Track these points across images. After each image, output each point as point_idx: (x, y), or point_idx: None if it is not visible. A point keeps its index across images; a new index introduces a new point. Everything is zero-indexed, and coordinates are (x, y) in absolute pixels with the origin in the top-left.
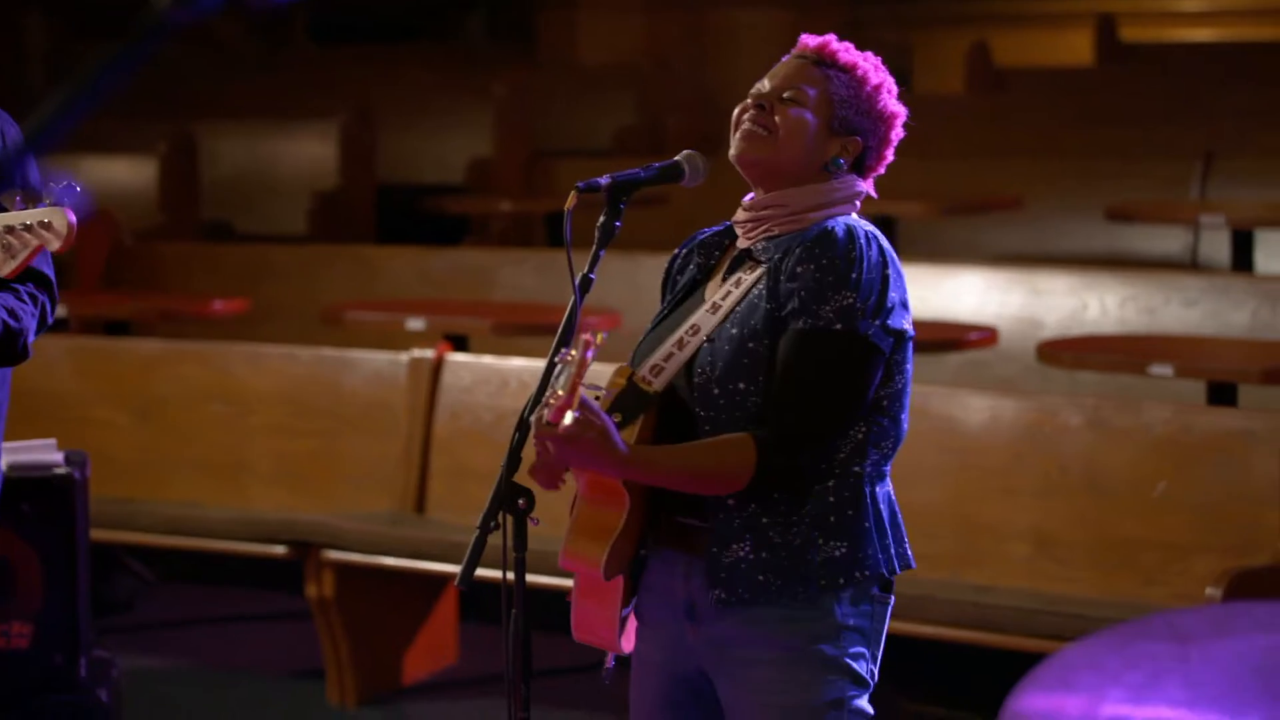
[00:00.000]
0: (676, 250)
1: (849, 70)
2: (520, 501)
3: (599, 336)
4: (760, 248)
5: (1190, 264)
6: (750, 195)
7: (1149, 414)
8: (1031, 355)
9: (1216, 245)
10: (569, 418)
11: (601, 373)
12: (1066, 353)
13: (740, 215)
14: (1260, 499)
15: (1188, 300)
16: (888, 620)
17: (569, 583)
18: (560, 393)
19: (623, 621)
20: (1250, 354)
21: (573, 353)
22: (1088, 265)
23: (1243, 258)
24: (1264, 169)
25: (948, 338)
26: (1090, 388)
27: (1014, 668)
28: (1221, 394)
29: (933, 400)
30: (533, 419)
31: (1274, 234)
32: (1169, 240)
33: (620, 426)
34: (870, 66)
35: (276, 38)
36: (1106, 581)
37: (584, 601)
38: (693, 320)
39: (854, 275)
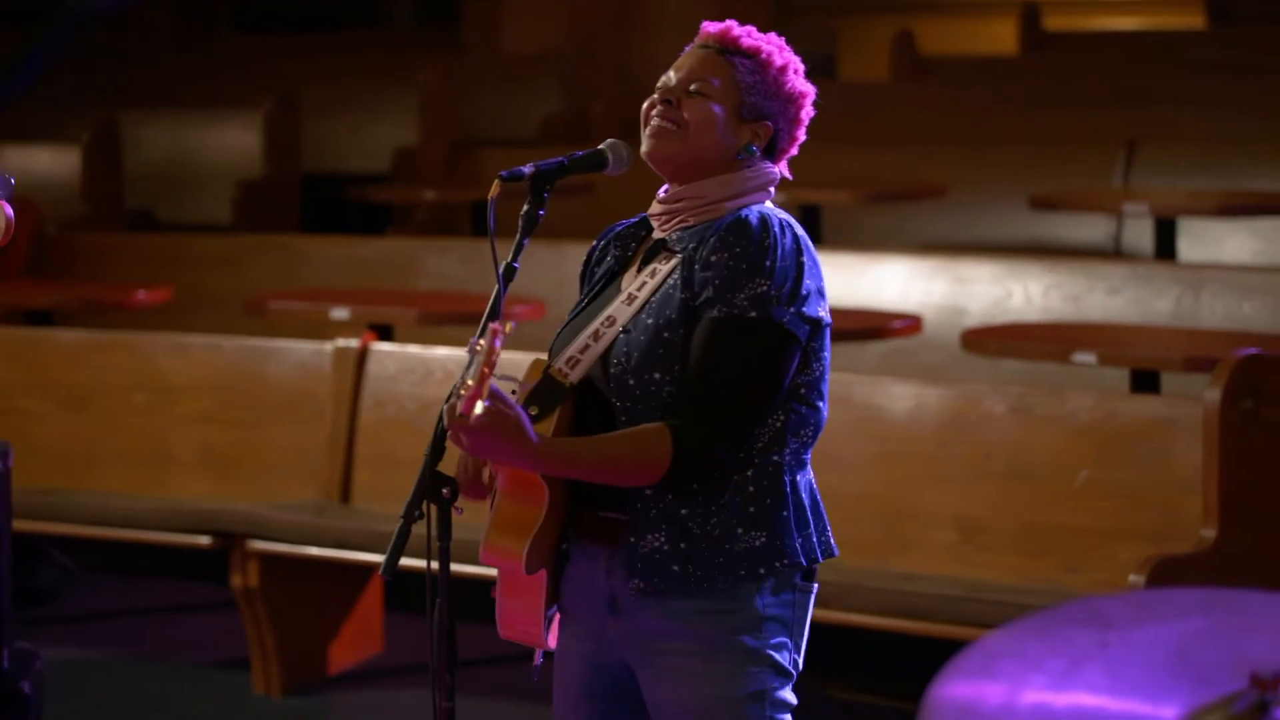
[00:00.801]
0: (594, 243)
1: (753, 55)
2: (444, 490)
3: (508, 326)
4: (675, 238)
5: (1114, 252)
6: (665, 188)
7: (1072, 402)
8: (956, 343)
9: (1140, 233)
10: (479, 408)
11: (519, 363)
12: (991, 341)
13: (655, 208)
14: (1182, 486)
15: (1111, 288)
16: (811, 609)
17: (494, 572)
18: (470, 383)
19: (548, 618)
20: (1173, 342)
21: (481, 342)
22: (1012, 253)
23: (1166, 246)
24: (1187, 157)
25: (872, 326)
26: (1014, 375)
27: (940, 655)
28: (1144, 382)
29: (857, 389)
30: (445, 411)
31: (1197, 222)
32: (1093, 228)
33: (536, 420)
34: (774, 49)
35: (202, 26)
36: (1030, 568)
37: (508, 598)
38: (608, 312)
39: (768, 263)
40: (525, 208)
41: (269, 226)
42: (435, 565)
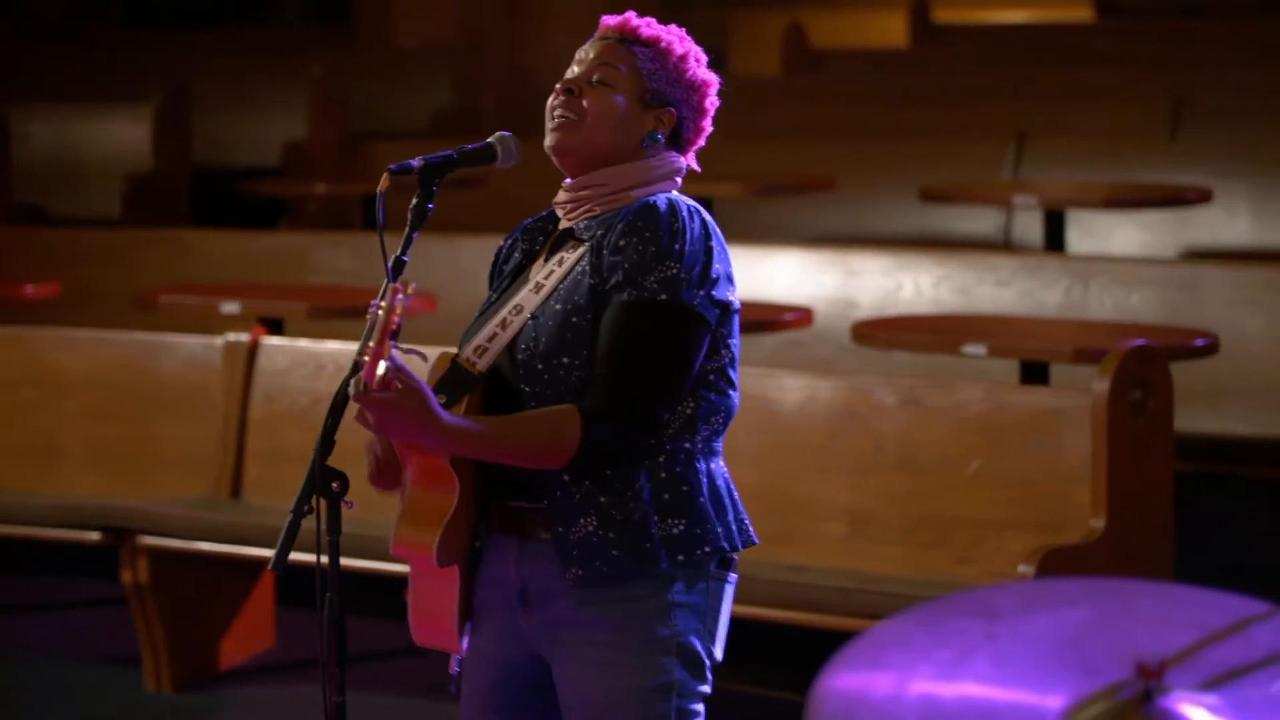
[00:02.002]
0: (501, 242)
1: (653, 44)
2: (334, 484)
3: (410, 287)
4: (583, 226)
5: (1003, 244)
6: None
7: (962, 393)
8: (846, 335)
9: (1029, 226)
10: (382, 367)
11: (432, 358)
12: (881, 333)
13: (561, 196)
14: (1071, 477)
15: (1001, 280)
16: (729, 598)
17: (386, 566)
18: (371, 345)
19: (463, 623)
20: (1062, 333)
21: (382, 304)
22: (902, 246)
23: (1055, 238)
24: (1075, 149)
25: (763, 318)
26: (905, 367)
27: (831, 647)
28: (1034, 373)
29: (748, 381)
30: (350, 387)
31: (1085, 214)
32: (982, 221)
33: (445, 407)
34: (674, 38)
35: (92, 19)
36: (921, 560)
37: (422, 602)
38: (516, 300)
39: (677, 246)
40: (414, 201)
41: (159, 220)
42: (325, 560)
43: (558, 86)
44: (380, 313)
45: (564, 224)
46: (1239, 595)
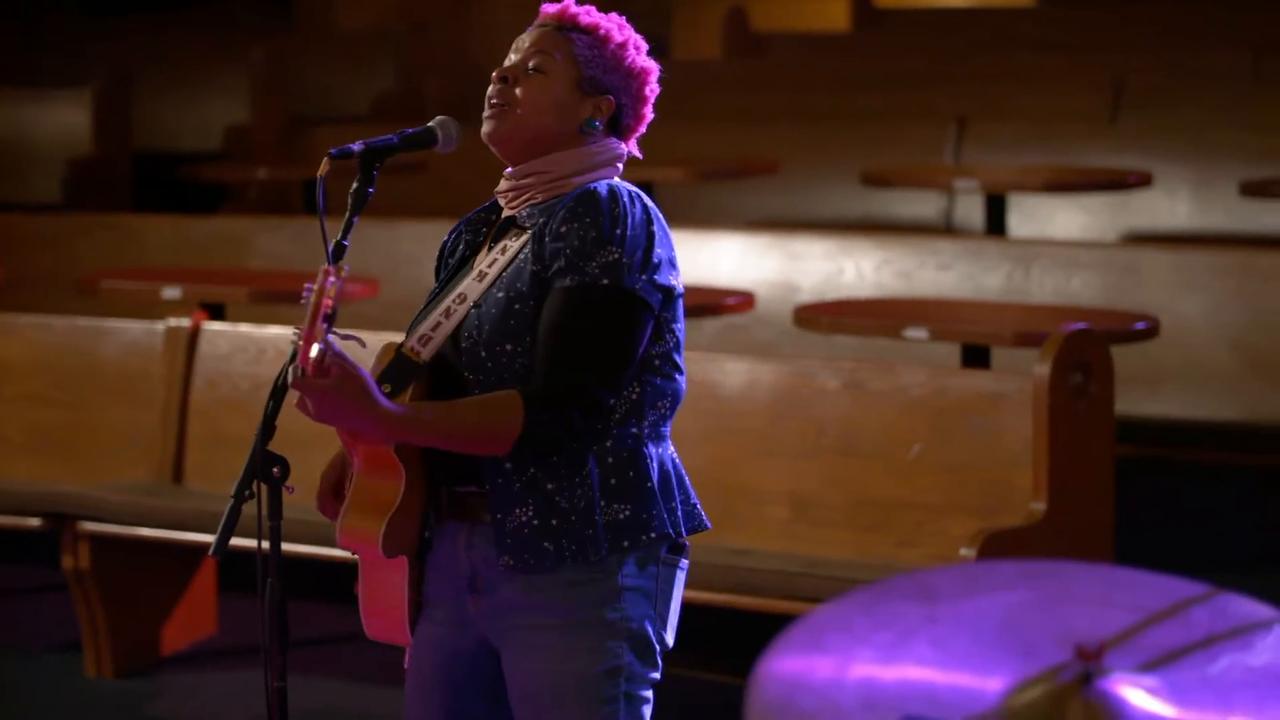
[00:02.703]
0: (446, 235)
1: (591, 31)
2: (275, 470)
3: (342, 269)
4: (525, 214)
5: (945, 228)
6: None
7: (904, 377)
8: (788, 319)
9: (970, 209)
10: (315, 350)
11: (373, 344)
12: (823, 316)
13: (503, 185)
14: (1012, 460)
15: (942, 264)
16: (680, 583)
17: (328, 551)
18: (304, 328)
19: (414, 615)
20: (1003, 317)
21: (314, 287)
22: (844, 230)
23: (996, 221)
24: (1016, 133)
25: (705, 302)
26: (847, 351)
27: (773, 630)
28: (975, 356)
29: (691, 365)
30: (289, 374)
31: (1026, 198)
32: (924, 204)
33: (389, 398)
34: (614, 25)
35: (31, 2)
36: (863, 543)
37: (372, 596)
38: (459, 290)
39: (619, 231)
40: (355, 185)
41: (100, 205)
42: (266, 545)
43: (494, 75)
44: (312, 296)
45: (506, 212)
46: (1178, 577)
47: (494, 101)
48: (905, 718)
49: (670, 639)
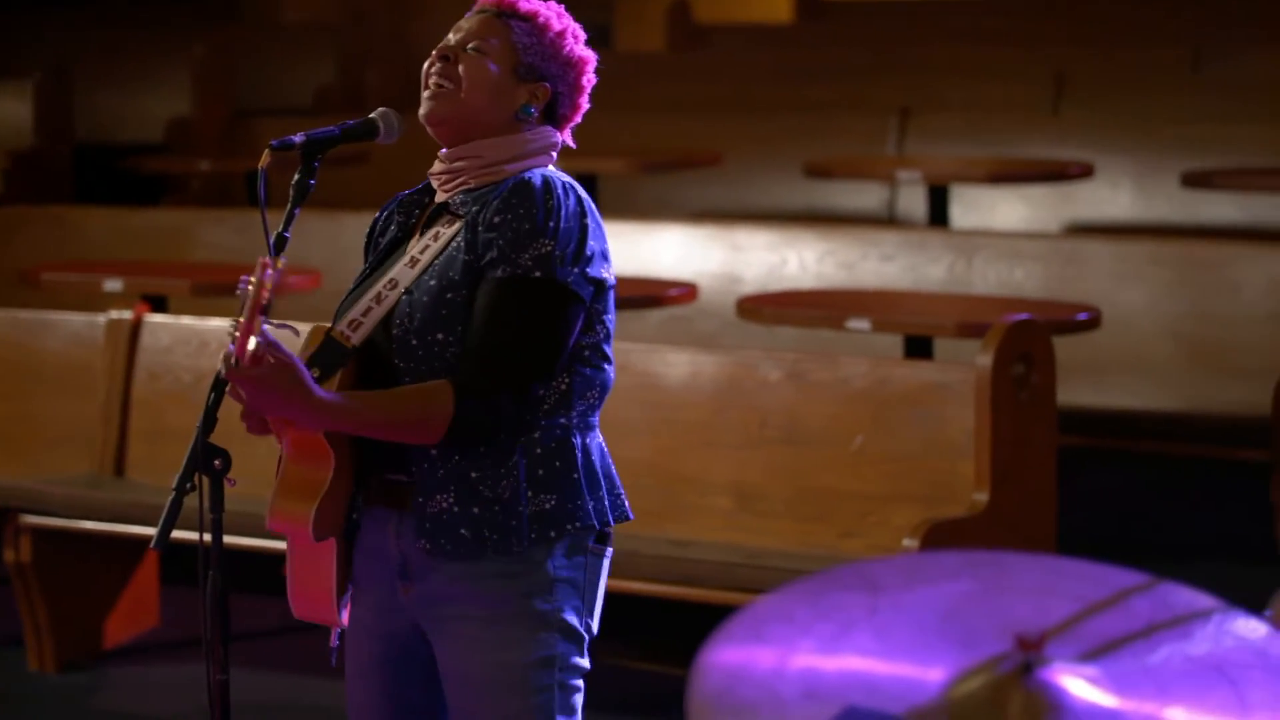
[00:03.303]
0: (378, 213)
1: (530, 18)
2: (216, 462)
3: (279, 262)
4: (458, 200)
5: (887, 219)
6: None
7: (846, 368)
8: (731, 311)
9: (913, 200)
10: (252, 344)
11: (305, 329)
12: (766, 308)
13: (437, 168)
14: (955, 451)
15: (885, 255)
16: (605, 572)
17: (269, 543)
18: (241, 321)
19: (341, 595)
20: (946, 308)
21: (252, 280)
22: (787, 221)
23: (938, 213)
24: (959, 124)
25: (648, 294)
26: (790, 342)
27: (716, 621)
28: (918, 347)
29: (634, 357)
30: (221, 363)
31: (969, 189)
32: (867, 196)
33: (318, 382)
34: (552, 14)
35: None
36: (806, 534)
37: (300, 575)
38: (391, 275)
39: (552, 224)
40: (296, 177)
41: (41, 197)
42: (208, 537)
43: (433, 53)
44: (250, 289)
45: (440, 197)
46: (1119, 567)
47: (434, 80)
48: (847, 708)
49: (595, 627)
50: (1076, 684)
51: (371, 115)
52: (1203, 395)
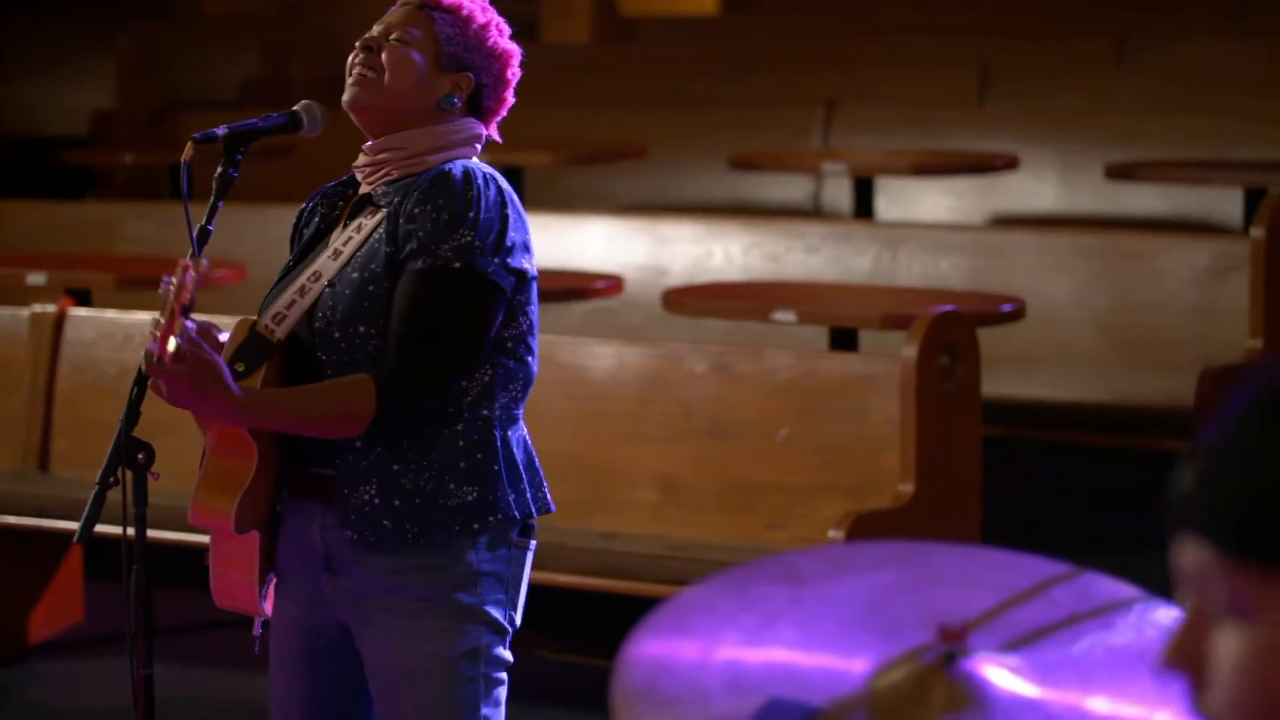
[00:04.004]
0: (303, 205)
1: (453, 11)
2: (140, 456)
3: (201, 262)
4: (380, 192)
5: (813, 211)
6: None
7: (772, 360)
8: (657, 303)
9: (838, 192)
10: (172, 344)
11: (224, 326)
12: (691, 300)
13: (360, 160)
14: (880, 442)
15: (810, 247)
16: (529, 565)
17: (194, 537)
18: (162, 321)
19: (263, 584)
20: (871, 300)
21: (174, 280)
22: (712, 213)
23: (864, 205)
24: (884, 117)
25: (573, 287)
26: (715, 334)
27: (642, 613)
28: (843, 339)
29: (560, 349)
30: (142, 360)
31: (894, 181)
32: (792, 188)
33: (242, 376)
34: (476, 7)
35: None
36: (732, 526)
37: (222, 565)
38: (314, 267)
39: (472, 214)
40: (219, 170)
41: None
42: (131, 531)
43: (357, 44)
44: (171, 289)
45: (363, 189)
46: (1042, 558)
47: (357, 69)
48: (770, 700)
49: (518, 620)
50: (999, 674)
51: (295, 108)
52: (1127, 386)
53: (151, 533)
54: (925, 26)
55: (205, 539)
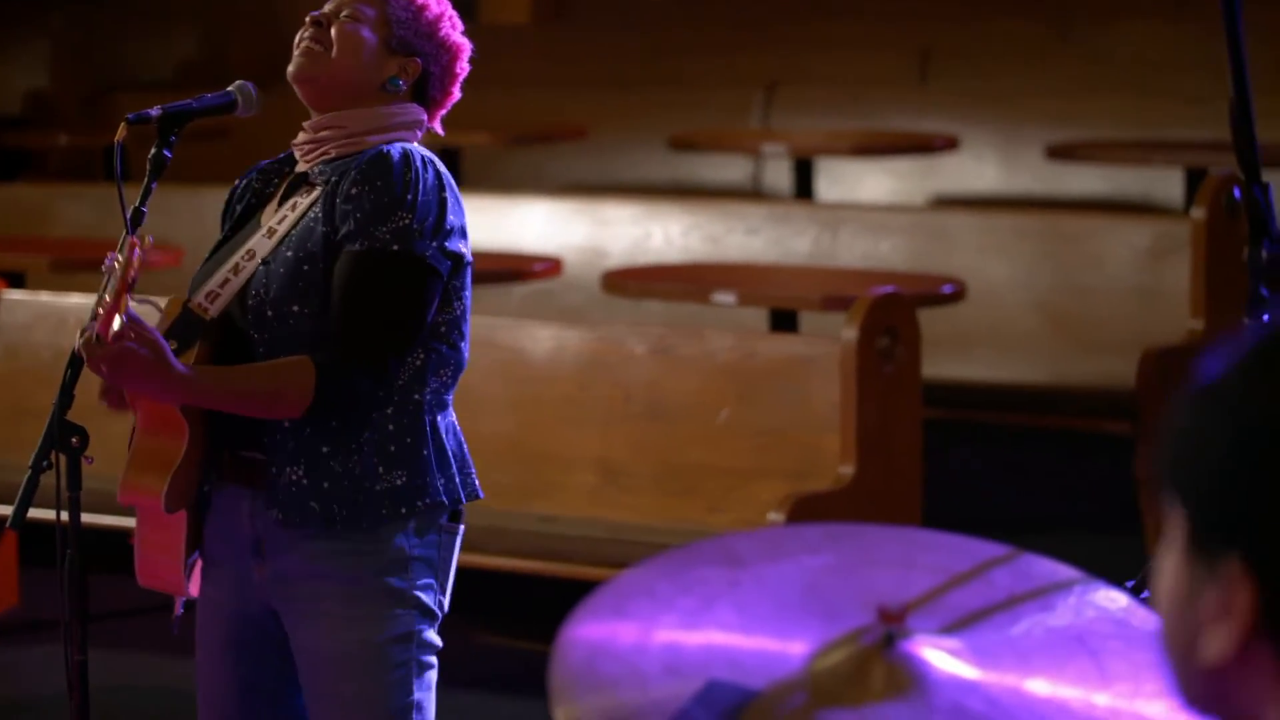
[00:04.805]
0: (237, 181)
1: None
2: (74, 440)
3: (146, 240)
4: (318, 170)
5: (753, 192)
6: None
7: (712, 342)
8: (596, 285)
9: (778, 174)
10: (117, 323)
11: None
12: (631, 282)
13: (300, 137)
14: (820, 424)
15: (750, 229)
16: (457, 550)
17: (130, 522)
18: (107, 299)
19: (189, 565)
20: (811, 281)
21: (119, 258)
22: (652, 195)
23: (804, 186)
24: (824, 98)
25: (513, 268)
26: (655, 317)
27: (581, 597)
28: (783, 321)
29: (499, 331)
30: (81, 339)
31: (834, 162)
32: (732, 169)
33: (176, 354)
34: None
35: None
36: (672, 509)
37: (148, 544)
38: (248, 246)
39: (410, 197)
40: (152, 151)
41: None
42: (65, 516)
43: (307, 19)
44: (117, 266)
45: (300, 167)
46: (981, 539)
47: (305, 42)
48: (709, 683)
49: (447, 605)
50: (938, 656)
51: (229, 88)
52: (1067, 368)
53: (86, 516)
54: (866, 8)
55: None
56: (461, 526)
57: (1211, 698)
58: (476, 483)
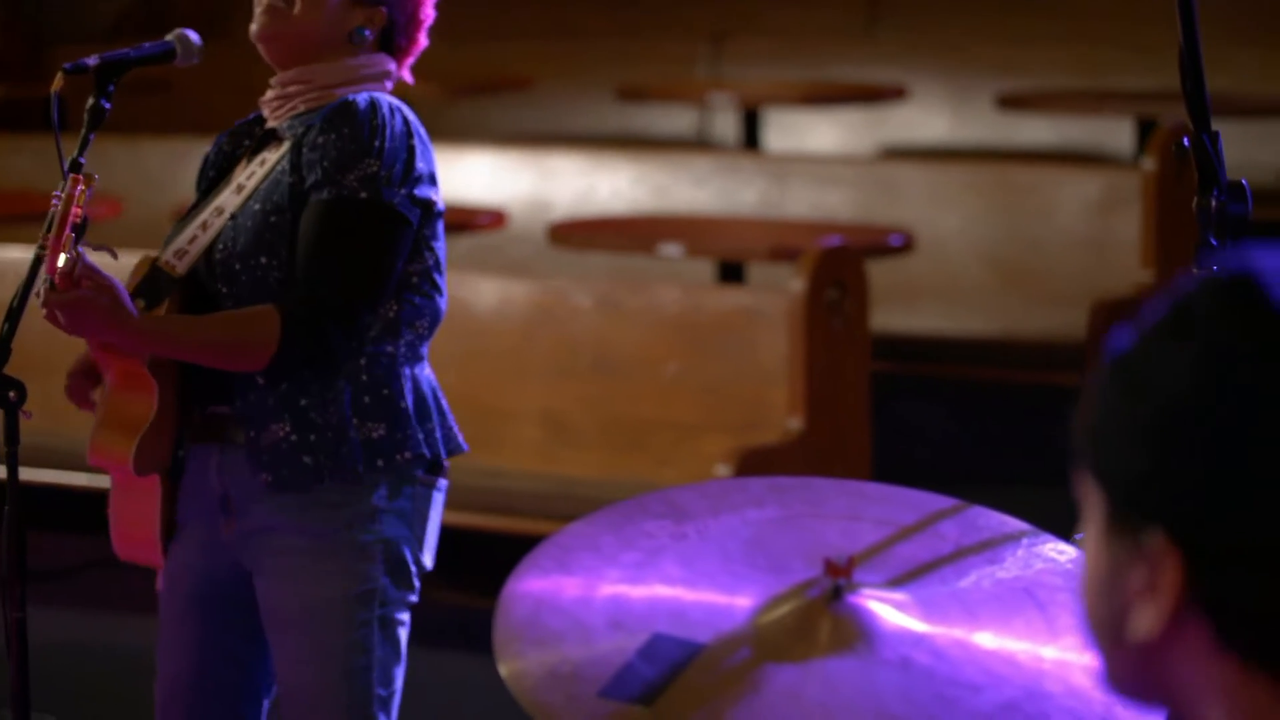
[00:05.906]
0: (210, 147)
1: None
2: (11, 394)
3: (92, 177)
4: (286, 125)
5: (699, 143)
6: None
7: (658, 294)
8: (542, 237)
9: (725, 124)
10: (63, 259)
11: (124, 263)
12: (576, 234)
13: (268, 94)
14: (768, 377)
15: (697, 179)
16: (438, 505)
17: (70, 479)
18: (50, 236)
19: (167, 537)
20: (758, 233)
21: (62, 194)
22: (598, 145)
23: (751, 136)
24: (771, 48)
25: (457, 221)
26: (601, 269)
27: (527, 551)
28: (730, 273)
29: None
30: (39, 286)
31: (782, 112)
32: (678, 119)
33: (145, 312)
34: None
35: None
36: (618, 463)
37: (122, 515)
38: (217, 203)
39: (377, 144)
40: (90, 101)
41: None
42: (3, 472)
43: None
44: (60, 205)
45: (269, 123)
46: (928, 492)
47: (268, 0)
48: (654, 636)
49: (429, 561)
50: (885, 609)
51: (168, 37)
52: (1017, 320)
53: (23, 473)
54: None
55: (81, 479)
56: (444, 481)
57: (1142, 680)
58: (459, 437)
